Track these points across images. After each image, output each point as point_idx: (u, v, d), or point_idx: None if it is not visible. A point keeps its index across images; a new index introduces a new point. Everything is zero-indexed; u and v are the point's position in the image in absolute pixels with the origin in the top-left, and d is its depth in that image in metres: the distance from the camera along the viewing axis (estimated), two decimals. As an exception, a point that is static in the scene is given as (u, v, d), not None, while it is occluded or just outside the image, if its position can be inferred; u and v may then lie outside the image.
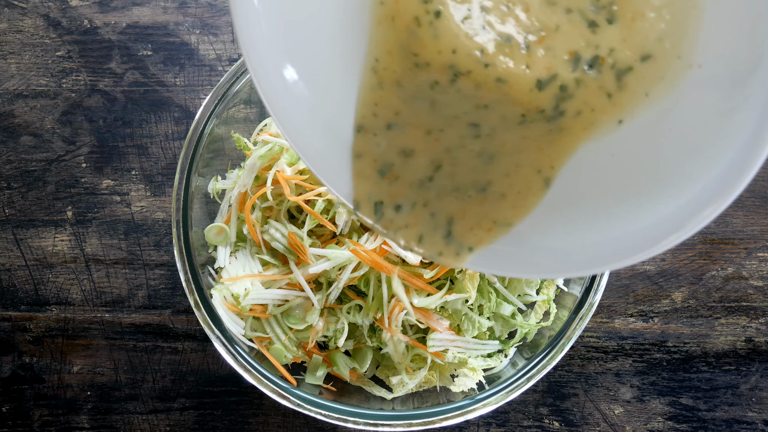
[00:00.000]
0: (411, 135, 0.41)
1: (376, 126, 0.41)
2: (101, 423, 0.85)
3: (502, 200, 0.41)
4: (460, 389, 0.75)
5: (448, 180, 0.42)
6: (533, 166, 0.40)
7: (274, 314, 0.72)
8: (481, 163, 0.41)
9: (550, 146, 0.40)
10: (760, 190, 0.88)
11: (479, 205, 0.42)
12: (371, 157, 0.42)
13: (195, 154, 0.73)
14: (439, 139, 0.41)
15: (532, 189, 0.41)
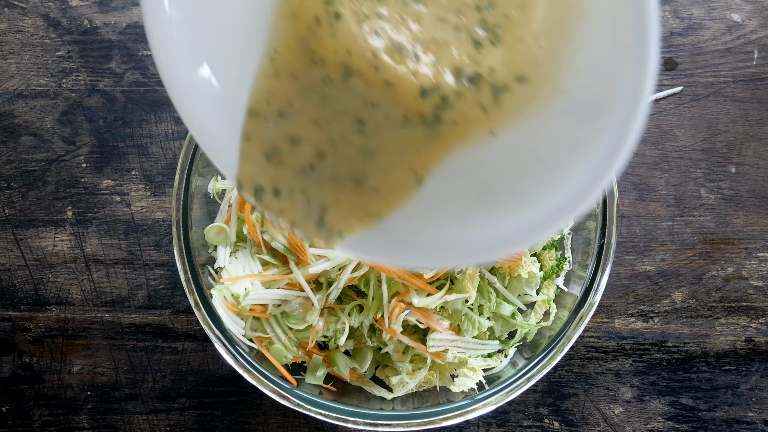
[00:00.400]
0: (300, 124, 0.44)
1: (268, 112, 0.44)
2: (101, 423, 0.85)
3: (376, 194, 0.45)
4: (460, 389, 0.75)
5: (328, 170, 0.45)
6: (409, 166, 0.44)
7: (274, 314, 0.72)
8: (361, 157, 0.44)
9: (426, 149, 0.43)
10: (760, 190, 0.88)
11: (354, 196, 0.45)
12: (259, 141, 0.45)
13: (195, 154, 0.73)
14: (326, 131, 0.44)
15: (404, 186, 0.44)
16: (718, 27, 0.90)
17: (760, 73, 0.89)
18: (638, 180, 0.88)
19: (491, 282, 0.74)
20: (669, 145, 0.89)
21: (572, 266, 0.79)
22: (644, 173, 0.88)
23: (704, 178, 0.88)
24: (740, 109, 0.89)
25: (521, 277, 0.75)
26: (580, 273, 0.76)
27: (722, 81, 0.89)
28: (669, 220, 0.88)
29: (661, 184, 0.88)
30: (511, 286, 0.77)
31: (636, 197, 0.88)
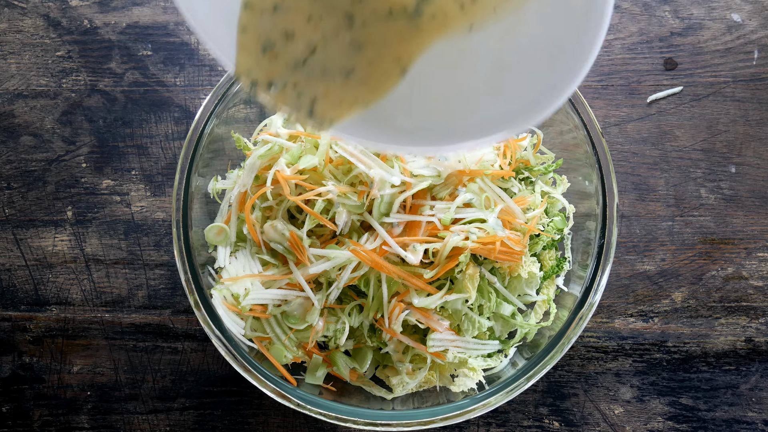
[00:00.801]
0: (293, 19, 0.47)
1: (263, 5, 0.47)
2: (101, 423, 0.85)
3: (362, 84, 0.49)
4: (460, 389, 0.75)
5: (318, 64, 0.48)
6: (394, 56, 0.48)
7: (274, 314, 0.72)
8: (350, 50, 0.48)
9: (409, 41, 0.47)
10: (760, 190, 0.88)
11: (342, 87, 0.49)
12: (255, 33, 0.48)
13: (195, 154, 0.73)
14: (318, 27, 0.47)
15: (390, 76, 0.48)
16: (718, 27, 0.90)
17: (760, 73, 0.89)
18: (638, 180, 0.88)
19: (491, 282, 0.74)
20: (669, 145, 0.89)
21: (572, 266, 0.79)
22: (644, 173, 0.88)
23: (704, 178, 0.88)
24: (740, 109, 0.89)
25: (521, 277, 0.75)
26: (580, 273, 0.76)
27: (722, 81, 0.89)
28: (669, 220, 0.88)
29: (661, 184, 0.88)
30: (511, 286, 0.77)
31: (636, 197, 0.88)
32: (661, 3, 0.90)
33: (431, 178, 0.70)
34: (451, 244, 0.68)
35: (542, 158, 0.81)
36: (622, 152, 0.89)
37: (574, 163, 0.78)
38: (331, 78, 0.49)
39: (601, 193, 0.73)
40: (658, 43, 0.90)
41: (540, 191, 0.78)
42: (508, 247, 0.71)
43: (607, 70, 0.90)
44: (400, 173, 0.69)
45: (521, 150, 0.79)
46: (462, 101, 0.50)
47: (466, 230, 0.69)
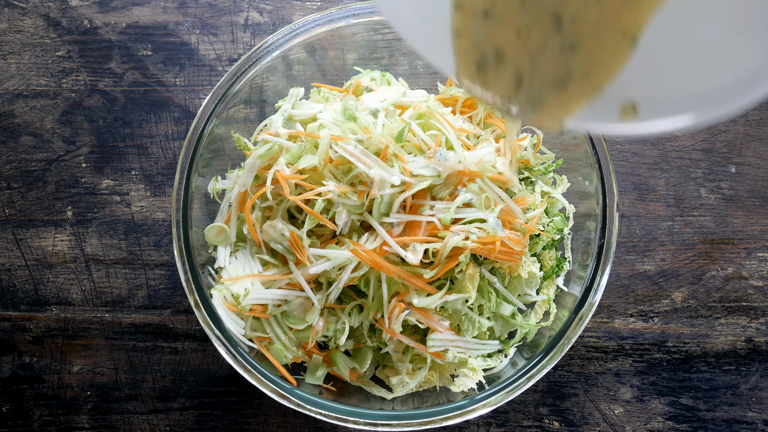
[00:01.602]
0: (504, 33, 0.45)
1: (475, 7, 0.45)
2: (101, 423, 0.85)
3: (587, 78, 0.45)
4: (460, 389, 0.75)
5: (536, 80, 0.46)
6: (617, 31, 0.44)
7: (274, 314, 0.72)
8: (563, 56, 0.45)
9: (631, 6, 0.43)
10: (760, 190, 0.88)
11: (566, 89, 0.46)
12: (471, 42, 0.46)
13: (195, 154, 0.73)
14: (527, 43, 0.45)
15: (618, 53, 0.44)
16: (718, 27, 0.90)
17: (760, 73, 0.89)
18: (638, 180, 0.88)
19: (491, 282, 0.74)
20: (669, 145, 0.89)
21: (572, 266, 0.79)
22: (644, 173, 0.88)
23: (704, 178, 0.88)
24: (740, 109, 0.89)
25: (521, 277, 0.75)
26: (580, 273, 0.76)
27: (722, 81, 0.89)
28: (669, 220, 0.88)
29: (661, 184, 0.88)
30: (511, 286, 0.77)
31: (636, 197, 0.88)
32: (661, 3, 0.90)
33: (431, 178, 0.70)
34: (451, 244, 0.68)
35: (542, 158, 0.81)
36: (622, 152, 0.89)
37: (574, 163, 0.78)
38: (553, 85, 0.47)
39: (601, 193, 0.73)
40: (658, 43, 0.90)
41: (540, 191, 0.78)
42: (508, 247, 0.71)
43: (607, 70, 0.90)
44: (400, 173, 0.69)
45: (521, 150, 0.79)
46: (709, 59, 0.44)
47: (466, 230, 0.69)
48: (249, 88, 0.77)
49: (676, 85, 0.45)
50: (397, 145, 0.71)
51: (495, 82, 0.47)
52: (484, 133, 0.79)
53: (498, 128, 0.79)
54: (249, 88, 0.76)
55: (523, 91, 0.47)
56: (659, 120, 0.45)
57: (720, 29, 0.43)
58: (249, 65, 0.74)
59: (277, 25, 0.91)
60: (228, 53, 0.90)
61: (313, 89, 0.81)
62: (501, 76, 0.47)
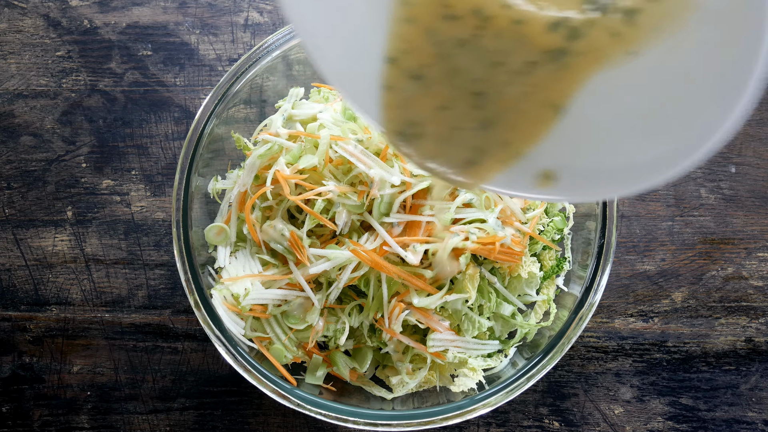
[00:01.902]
0: (429, 100, 0.46)
1: (406, 66, 0.45)
2: (101, 423, 0.85)
3: (505, 148, 0.46)
4: (460, 389, 0.75)
5: (453, 150, 0.47)
6: (543, 104, 0.44)
7: (274, 314, 0.72)
8: (481, 131, 0.46)
9: (561, 81, 0.43)
10: (760, 190, 0.88)
11: (494, 148, 0.47)
12: (398, 100, 0.46)
13: (195, 154, 0.73)
14: (449, 115, 0.46)
15: (542, 122, 0.45)
16: (718, 27, 0.90)
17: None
18: (638, 180, 0.88)
19: (491, 282, 0.74)
20: (669, 145, 0.89)
21: (572, 266, 0.79)
22: (644, 173, 0.88)
23: (704, 178, 0.88)
24: (740, 109, 0.89)
25: (521, 277, 0.75)
26: (580, 273, 0.76)
27: (722, 81, 0.89)
28: (669, 220, 0.88)
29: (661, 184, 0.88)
30: (511, 286, 0.77)
31: (636, 197, 0.88)
32: (661, 3, 0.90)
33: (431, 178, 0.70)
34: (451, 244, 0.68)
35: (542, 158, 0.80)
36: (622, 152, 0.89)
37: (574, 163, 0.78)
38: (465, 161, 0.48)
39: (601, 193, 0.73)
40: (658, 43, 0.90)
41: (540, 191, 0.78)
42: (508, 247, 0.71)
43: (607, 70, 0.90)
44: (399, 173, 0.69)
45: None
46: (633, 135, 0.45)
47: (466, 230, 0.69)
48: (249, 88, 0.77)
49: (594, 158, 0.46)
50: (397, 145, 0.71)
51: (416, 144, 0.48)
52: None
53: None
54: (249, 88, 0.76)
55: (441, 158, 0.48)
56: (575, 190, 0.46)
57: (636, 114, 0.44)
58: (249, 65, 0.74)
59: (277, 25, 0.91)
60: (228, 53, 0.90)
61: (313, 89, 0.81)
62: (422, 141, 0.47)
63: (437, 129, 0.47)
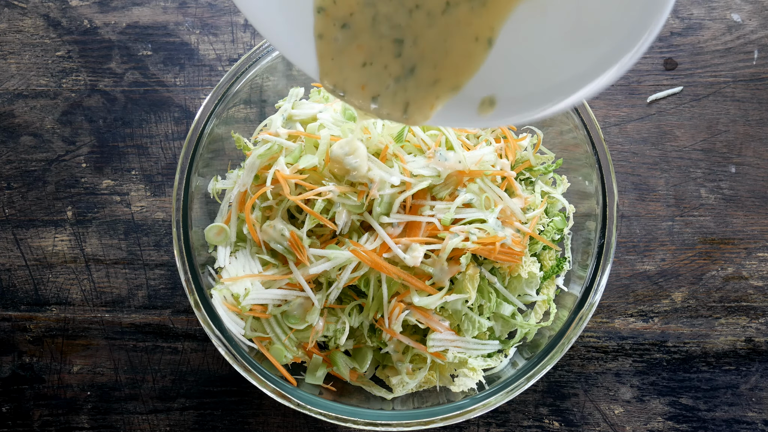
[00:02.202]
0: (359, 48, 0.49)
1: (334, 14, 0.49)
2: (101, 423, 0.85)
3: (437, 84, 0.49)
4: (460, 389, 0.75)
5: (387, 93, 0.50)
6: (468, 39, 0.47)
7: (274, 314, 0.72)
8: (410, 74, 0.49)
9: (482, 16, 0.47)
10: (760, 190, 0.88)
11: (427, 88, 0.50)
12: (330, 48, 0.49)
13: (195, 154, 0.73)
14: (375, 66, 0.49)
15: (473, 54, 0.48)
16: (718, 27, 0.90)
17: (760, 73, 0.89)
18: (638, 180, 0.88)
19: (491, 282, 0.74)
20: (669, 145, 0.89)
21: (572, 266, 0.79)
22: (644, 173, 0.88)
23: (704, 178, 0.88)
24: (740, 109, 0.89)
25: (521, 277, 0.75)
26: (580, 273, 0.76)
27: (722, 81, 0.89)
28: (669, 220, 0.88)
29: (661, 184, 0.88)
30: (511, 286, 0.77)
31: (636, 197, 0.88)
32: (661, 3, 0.90)
33: (431, 178, 0.70)
34: (452, 245, 0.68)
35: (542, 158, 0.81)
36: (622, 152, 0.89)
37: (574, 163, 0.78)
38: (401, 103, 0.50)
39: (601, 193, 0.73)
40: (658, 43, 0.90)
41: (540, 191, 0.78)
42: (508, 247, 0.71)
43: (607, 70, 0.90)
44: (399, 173, 0.69)
45: (521, 150, 0.79)
46: (563, 51, 0.48)
47: (466, 230, 0.69)
48: (249, 88, 0.77)
49: (529, 77, 0.49)
50: (396, 145, 0.71)
51: (353, 93, 0.51)
52: (484, 133, 0.79)
53: (498, 128, 0.79)
54: (249, 88, 0.76)
55: (380, 104, 0.51)
56: (516, 111, 0.48)
57: (562, 30, 0.47)
58: (249, 65, 0.74)
59: (277, 25, 0.91)
60: (228, 53, 0.90)
61: (313, 89, 0.81)
62: (356, 91, 0.50)
63: (368, 79, 0.49)
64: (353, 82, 0.50)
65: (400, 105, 0.50)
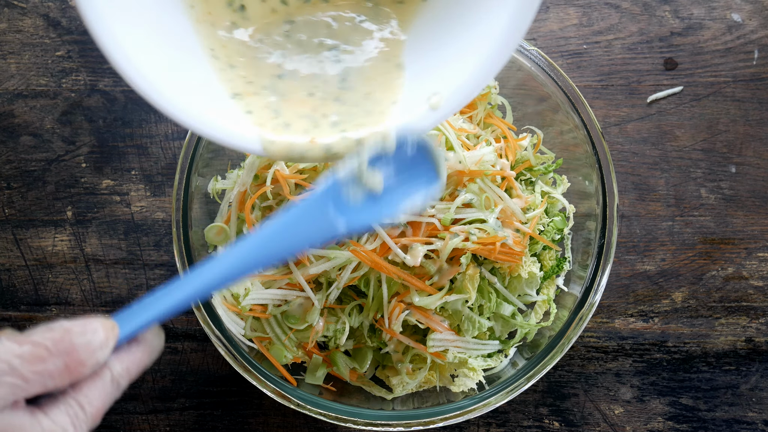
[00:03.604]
0: (296, 108, 0.52)
1: (254, 90, 0.52)
2: (101, 423, 0.85)
3: (368, 98, 0.53)
4: (460, 389, 0.75)
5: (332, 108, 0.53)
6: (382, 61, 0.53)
7: (274, 314, 0.72)
8: (344, 93, 0.53)
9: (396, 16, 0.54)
10: (760, 190, 0.88)
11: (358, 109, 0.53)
12: (261, 103, 0.52)
13: (195, 154, 0.73)
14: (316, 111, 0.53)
15: (391, 76, 0.53)
16: (718, 27, 0.90)
17: (760, 73, 0.89)
18: (638, 180, 0.88)
19: (491, 282, 0.74)
20: (669, 145, 0.89)
21: (572, 266, 0.79)
22: (644, 173, 0.88)
23: (704, 178, 0.88)
24: (740, 109, 0.89)
25: (521, 277, 0.75)
26: (580, 273, 0.76)
27: (722, 81, 0.89)
28: (669, 220, 0.88)
29: (661, 184, 0.88)
30: (511, 286, 0.77)
31: (636, 197, 0.88)
32: (661, 3, 0.90)
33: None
34: (452, 245, 0.68)
35: (542, 158, 0.81)
36: (622, 152, 0.89)
37: (574, 163, 0.78)
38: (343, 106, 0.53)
39: (601, 193, 0.73)
40: (658, 43, 0.90)
41: (540, 191, 0.78)
42: (509, 247, 0.71)
43: (607, 70, 0.90)
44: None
45: (521, 150, 0.79)
46: (467, 38, 0.51)
47: (466, 231, 0.69)
48: (249, 88, 0.77)
49: (451, 68, 0.52)
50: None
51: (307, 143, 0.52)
52: (484, 133, 0.79)
53: (498, 128, 0.79)
54: (249, 88, 0.76)
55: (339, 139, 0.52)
56: (458, 96, 0.50)
57: (459, 13, 0.52)
58: (249, 65, 0.74)
59: (277, 25, 0.91)
60: (228, 53, 0.90)
61: (313, 89, 0.81)
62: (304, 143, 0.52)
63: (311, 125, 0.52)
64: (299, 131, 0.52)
65: (363, 113, 0.52)
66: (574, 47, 0.90)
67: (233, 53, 0.52)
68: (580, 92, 0.74)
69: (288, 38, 0.54)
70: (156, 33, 0.49)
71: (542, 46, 0.90)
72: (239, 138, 0.50)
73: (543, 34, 0.90)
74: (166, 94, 0.47)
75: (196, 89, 0.50)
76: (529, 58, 0.74)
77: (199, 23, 0.52)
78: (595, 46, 0.90)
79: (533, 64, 0.74)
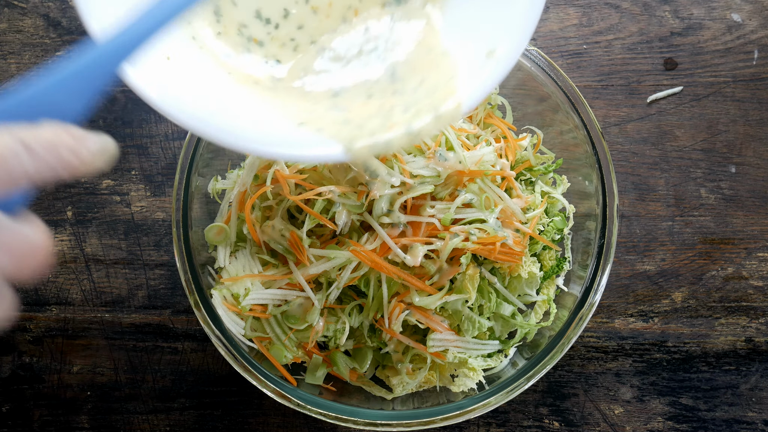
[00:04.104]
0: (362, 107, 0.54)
1: (317, 122, 0.53)
2: (101, 423, 0.85)
3: (422, 84, 0.54)
4: (460, 389, 0.75)
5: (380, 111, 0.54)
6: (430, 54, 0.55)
7: (274, 314, 0.72)
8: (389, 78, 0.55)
9: None
10: (760, 190, 0.88)
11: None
12: (328, 121, 0.52)
13: (195, 154, 0.73)
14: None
15: (438, 62, 0.54)
16: (718, 27, 0.90)
17: (760, 73, 0.89)
18: (638, 180, 0.88)
19: (491, 282, 0.74)
20: (669, 145, 0.89)
21: (572, 266, 0.79)
22: (644, 173, 0.88)
23: (704, 178, 0.88)
24: (740, 109, 0.89)
25: (521, 277, 0.75)
26: (580, 273, 0.76)
27: (722, 81, 0.89)
28: (669, 220, 0.88)
29: (661, 184, 0.88)
30: (511, 286, 0.77)
31: (636, 197, 0.88)
32: (661, 3, 0.90)
33: (431, 179, 0.70)
34: (452, 245, 0.68)
35: (542, 158, 0.81)
36: (622, 152, 0.89)
37: (574, 163, 0.78)
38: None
39: (601, 193, 0.73)
40: (658, 43, 0.90)
41: (540, 191, 0.78)
42: (509, 247, 0.71)
43: (607, 70, 0.90)
44: (399, 174, 0.69)
45: (521, 150, 0.79)
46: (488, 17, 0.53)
47: (466, 231, 0.69)
48: (249, 88, 0.77)
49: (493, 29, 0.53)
50: (397, 145, 0.71)
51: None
52: (484, 133, 0.79)
53: (498, 128, 0.80)
54: (249, 88, 0.76)
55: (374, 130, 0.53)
56: (513, 54, 0.51)
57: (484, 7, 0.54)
58: (249, 65, 0.74)
59: (277, 25, 0.91)
60: (228, 53, 0.90)
61: (313, 89, 0.81)
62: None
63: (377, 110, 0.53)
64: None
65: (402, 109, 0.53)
66: (574, 47, 0.90)
67: (284, 96, 0.54)
68: (580, 92, 0.74)
69: (326, 59, 0.56)
70: (210, 95, 0.53)
71: (542, 46, 0.90)
72: (322, 153, 0.50)
73: (543, 34, 0.90)
74: (250, 137, 0.50)
75: (266, 127, 0.52)
76: (529, 58, 0.74)
77: (240, 84, 0.54)
78: (595, 46, 0.90)
79: (533, 64, 0.74)
